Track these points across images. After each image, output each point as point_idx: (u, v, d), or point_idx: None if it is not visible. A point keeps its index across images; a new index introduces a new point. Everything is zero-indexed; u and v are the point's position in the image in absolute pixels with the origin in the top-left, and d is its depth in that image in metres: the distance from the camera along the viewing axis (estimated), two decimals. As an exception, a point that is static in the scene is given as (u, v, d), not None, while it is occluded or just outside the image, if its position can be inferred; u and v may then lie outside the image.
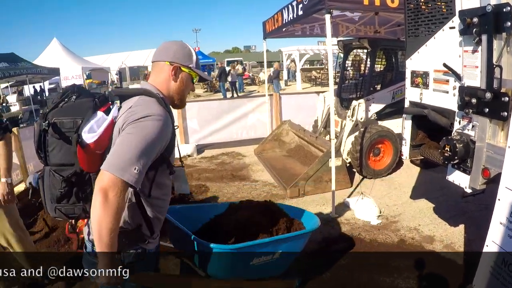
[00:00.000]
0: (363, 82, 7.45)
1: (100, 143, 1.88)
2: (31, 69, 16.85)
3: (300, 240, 2.88)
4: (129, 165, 1.74)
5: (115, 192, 1.71)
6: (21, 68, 15.88)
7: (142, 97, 1.95)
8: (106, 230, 1.71)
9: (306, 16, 5.45)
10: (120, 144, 1.79)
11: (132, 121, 1.82)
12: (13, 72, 15.32)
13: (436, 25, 3.19)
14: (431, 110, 3.41)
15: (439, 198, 5.58)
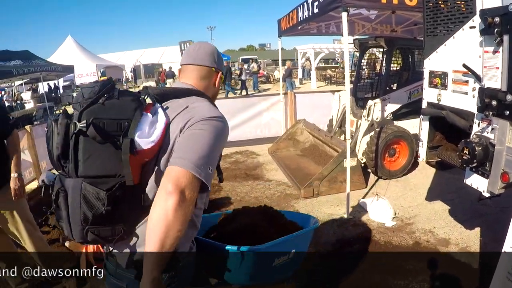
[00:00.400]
0: (379, 82, 7.37)
1: (154, 149, 1.66)
2: (45, 67, 16.94)
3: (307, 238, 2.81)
4: (205, 163, 1.60)
5: (192, 192, 1.55)
6: (35, 65, 15.98)
7: (196, 97, 1.85)
8: (172, 239, 1.50)
9: (322, 14, 5.38)
10: (194, 140, 1.64)
11: (201, 119, 1.69)
12: (28, 69, 15.37)
13: (456, 25, 3.12)
14: (450, 111, 3.34)
15: (455, 200, 5.50)
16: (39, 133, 7.83)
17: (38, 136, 7.73)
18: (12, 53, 15.38)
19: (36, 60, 16.38)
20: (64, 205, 1.64)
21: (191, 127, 1.66)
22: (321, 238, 4.59)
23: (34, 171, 7.51)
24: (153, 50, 49.31)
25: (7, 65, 14.25)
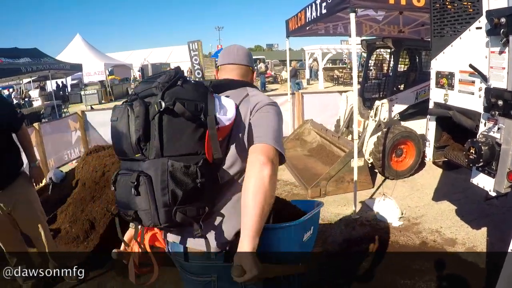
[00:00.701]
0: (386, 82, 7.38)
1: (229, 127, 1.81)
2: (53, 65, 17.12)
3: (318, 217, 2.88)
4: (279, 139, 1.83)
5: (277, 163, 1.76)
6: (44, 63, 16.15)
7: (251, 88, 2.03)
8: (269, 206, 1.64)
9: (330, 14, 5.40)
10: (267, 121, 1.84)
11: (266, 104, 1.90)
12: (36, 67, 15.51)
13: (462, 25, 3.14)
14: (456, 111, 3.36)
15: (461, 200, 5.51)
16: (47, 131, 7.96)
17: (46, 133, 7.84)
18: (21, 50, 15.45)
19: (44, 58, 16.54)
20: (149, 189, 1.62)
21: (260, 110, 1.87)
22: (328, 238, 4.63)
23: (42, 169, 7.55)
24: (161, 50, 49.51)
25: (16, 63, 14.39)
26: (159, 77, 1.76)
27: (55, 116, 16.55)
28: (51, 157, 7.95)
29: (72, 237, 4.75)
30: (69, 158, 8.75)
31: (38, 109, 17.37)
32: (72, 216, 5.10)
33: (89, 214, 5.00)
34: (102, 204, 5.08)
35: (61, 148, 8.57)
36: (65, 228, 4.97)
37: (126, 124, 1.70)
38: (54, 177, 6.98)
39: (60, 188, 6.64)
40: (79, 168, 6.86)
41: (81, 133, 9.20)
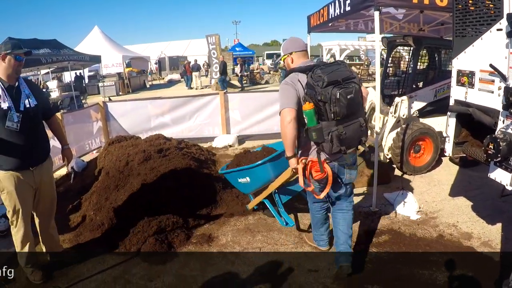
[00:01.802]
0: (405, 79, 7.47)
1: None
2: (73, 56, 17.07)
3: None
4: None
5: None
6: (63, 54, 16.08)
7: None
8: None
9: (353, 12, 5.46)
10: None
11: None
12: (56, 58, 15.49)
13: (484, 27, 3.28)
14: (476, 109, 3.49)
15: (477, 197, 5.64)
16: (70, 121, 8.10)
17: (69, 123, 7.97)
18: (40, 41, 15.40)
19: (64, 50, 16.46)
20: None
21: None
22: (348, 229, 4.78)
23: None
24: (178, 43, 49.64)
25: (36, 53, 14.21)
26: (333, 66, 3.35)
27: (74, 107, 16.74)
28: (73, 147, 7.86)
29: (96, 224, 4.89)
30: (90, 148, 8.93)
31: (56, 100, 17.51)
32: (96, 204, 5.27)
33: (114, 202, 5.13)
34: (126, 192, 5.22)
35: (83, 138, 8.72)
36: (89, 215, 5.16)
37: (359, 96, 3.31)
38: (76, 166, 7.23)
39: (82, 177, 6.93)
40: (101, 157, 7.06)
41: (102, 124, 9.38)
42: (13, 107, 3.54)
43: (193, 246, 4.52)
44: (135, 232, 4.62)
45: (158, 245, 4.39)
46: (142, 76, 32.17)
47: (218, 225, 5.01)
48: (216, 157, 8.08)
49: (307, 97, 3.24)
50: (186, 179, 5.57)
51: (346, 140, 3.21)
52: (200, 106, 9.86)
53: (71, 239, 4.77)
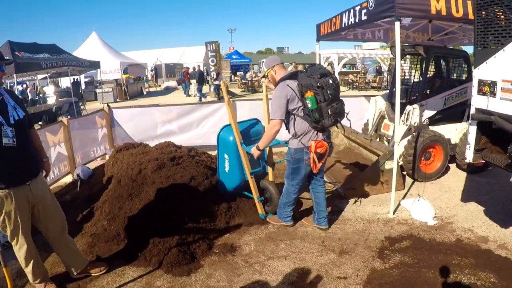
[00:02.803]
0: (413, 88, 7.61)
1: None
2: (73, 61, 16.95)
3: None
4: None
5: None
6: (63, 59, 15.99)
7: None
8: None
9: (370, 21, 5.53)
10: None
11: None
12: (56, 63, 15.39)
13: (506, 39, 3.43)
14: (498, 117, 3.63)
15: (488, 202, 5.81)
16: (75, 126, 7.95)
17: (75, 129, 7.84)
18: (40, 46, 15.40)
19: (63, 54, 16.40)
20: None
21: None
22: (370, 235, 4.90)
23: (69, 165, 7.56)
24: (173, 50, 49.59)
25: (36, 58, 14.26)
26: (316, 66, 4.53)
27: (73, 113, 16.60)
28: (78, 153, 7.96)
29: (112, 234, 4.77)
30: (94, 155, 8.79)
31: (52, 106, 17.16)
32: (109, 214, 5.13)
33: (128, 211, 5.00)
34: (142, 201, 5.09)
35: (88, 144, 8.57)
36: (103, 225, 4.99)
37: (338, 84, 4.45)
38: (82, 173, 7.09)
39: (89, 185, 6.79)
40: (108, 165, 6.96)
41: (107, 130, 9.28)
42: (4, 122, 3.29)
43: (217, 257, 4.44)
44: (156, 243, 4.49)
45: (181, 256, 4.30)
46: (139, 83, 32.18)
47: (239, 235, 4.97)
48: (226, 165, 8.11)
49: (305, 88, 4.31)
50: (203, 187, 5.54)
51: (338, 113, 4.36)
52: (208, 113, 9.91)
53: (85, 250, 4.57)
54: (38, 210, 3.67)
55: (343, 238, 4.86)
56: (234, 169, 5.45)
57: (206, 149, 8.58)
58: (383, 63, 30.15)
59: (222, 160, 5.61)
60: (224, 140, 5.54)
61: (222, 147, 5.61)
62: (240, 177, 5.43)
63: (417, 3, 4.73)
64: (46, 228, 3.79)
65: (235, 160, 5.40)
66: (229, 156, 5.48)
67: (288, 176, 4.88)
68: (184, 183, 5.50)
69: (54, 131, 7.19)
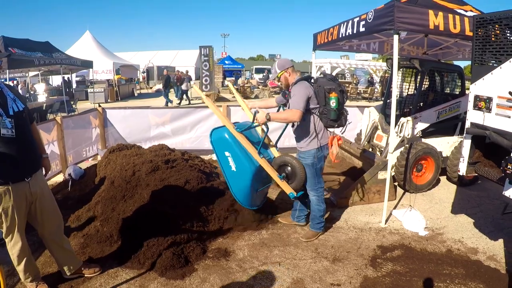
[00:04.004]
0: (407, 100, 7.73)
1: None
2: (65, 60, 16.97)
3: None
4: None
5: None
6: (56, 58, 16.01)
7: None
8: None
9: (368, 33, 5.57)
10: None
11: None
12: (48, 61, 15.39)
13: (504, 57, 3.54)
14: (493, 132, 3.73)
15: (478, 214, 5.95)
16: (70, 125, 7.94)
17: (69, 128, 7.82)
18: (33, 43, 15.36)
19: (56, 53, 16.41)
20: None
21: None
22: (362, 244, 4.97)
23: (61, 164, 7.54)
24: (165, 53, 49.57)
25: (29, 55, 14.21)
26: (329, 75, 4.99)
27: (64, 112, 16.54)
28: (70, 152, 7.94)
29: (105, 236, 4.73)
30: (86, 155, 8.75)
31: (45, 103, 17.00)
32: (102, 215, 5.09)
33: (122, 213, 4.96)
34: (135, 203, 5.06)
35: (80, 144, 8.54)
36: (96, 226, 4.95)
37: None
38: (74, 173, 6.93)
39: (80, 185, 6.66)
40: (101, 165, 6.89)
41: (100, 130, 9.25)
42: (3, 113, 3.29)
43: (210, 261, 4.45)
44: (149, 245, 4.48)
45: (175, 259, 4.28)
46: (130, 84, 32.08)
47: (232, 240, 5.00)
48: (218, 170, 8.12)
49: (330, 90, 4.58)
50: (197, 191, 5.56)
51: (346, 117, 4.83)
52: (202, 117, 9.93)
53: (77, 251, 4.47)
54: (35, 208, 3.63)
55: (336, 245, 4.92)
56: (241, 161, 4.99)
57: (199, 153, 8.62)
58: (375, 74, 30.46)
59: (225, 162, 5.09)
60: (219, 139, 5.11)
61: (219, 148, 5.11)
62: (251, 166, 4.96)
63: (416, 17, 4.82)
64: (42, 227, 3.74)
65: (238, 152, 4.98)
66: (230, 152, 5.02)
67: (314, 184, 4.92)
68: (179, 186, 5.51)
69: (48, 129, 7.18)
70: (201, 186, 5.71)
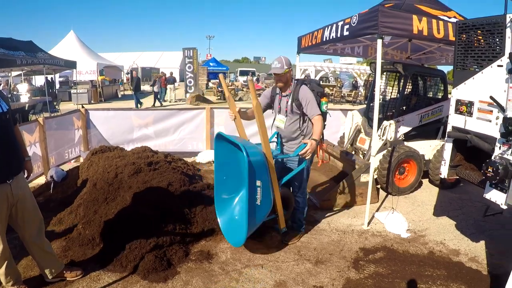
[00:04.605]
0: (390, 104, 7.80)
1: None
2: (49, 60, 16.64)
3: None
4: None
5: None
6: (39, 57, 15.68)
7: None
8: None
9: (352, 37, 5.61)
10: None
11: None
12: (31, 60, 15.09)
13: (486, 62, 3.59)
14: (474, 135, 3.79)
15: (459, 217, 6.03)
16: (52, 126, 7.82)
17: (51, 129, 7.69)
18: (16, 42, 14.99)
19: (39, 53, 16.08)
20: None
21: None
22: (345, 246, 4.99)
23: (43, 166, 7.42)
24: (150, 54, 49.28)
25: (11, 54, 13.90)
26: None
27: (47, 113, 16.19)
28: (52, 154, 7.81)
29: (87, 238, 4.67)
30: (69, 157, 8.63)
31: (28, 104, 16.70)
32: (84, 217, 5.02)
33: (104, 216, 4.90)
34: (118, 206, 5.02)
35: (63, 146, 8.40)
36: (77, 229, 4.87)
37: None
38: (56, 175, 6.80)
39: (62, 188, 6.55)
40: (83, 167, 6.79)
41: (82, 132, 9.11)
42: None
43: (193, 264, 4.43)
44: (132, 248, 4.43)
45: (157, 262, 4.25)
46: (114, 85, 31.77)
47: (215, 242, 4.96)
48: (201, 172, 8.10)
49: (322, 94, 4.82)
50: (179, 193, 5.52)
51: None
52: (185, 120, 9.89)
53: (59, 254, 4.39)
54: (16, 210, 3.55)
55: (319, 248, 4.93)
56: (266, 194, 4.28)
57: (182, 155, 8.58)
58: (359, 78, 30.69)
59: (253, 191, 4.12)
60: (258, 162, 4.15)
61: (253, 174, 4.06)
62: (270, 201, 4.40)
63: (400, 22, 4.87)
64: (23, 229, 3.65)
65: (267, 183, 4.28)
66: (262, 182, 4.19)
67: (304, 187, 5.12)
68: (162, 189, 5.47)
69: (30, 130, 7.05)
70: (184, 189, 5.66)
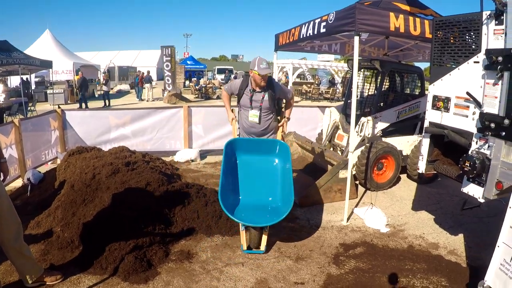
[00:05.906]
0: (368, 100, 7.88)
1: None
2: (24, 60, 16.34)
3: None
4: None
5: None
6: (14, 57, 15.40)
7: None
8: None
9: (329, 34, 5.62)
10: None
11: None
12: (6, 61, 14.83)
13: (462, 58, 3.65)
14: (451, 131, 3.84)
15: (437, 211, 6.15)
16: (28, 128, 7.62)
17: (27, 130, 7.51)
18: None
19: (14, 52, 15.78)
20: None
21: None
22: (324, 242, 5.02)
23: (19, 168, 7.26)
24: (127, 53, 48.78)
25: None
26: None
27: (23, 114, 15.88)
28: (29, 156, 7.63)
29: (65, 241, 4.56)
30: (45, 159, 8.45)
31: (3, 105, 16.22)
32: (62, 220, 4.93)
33: (82, 217, 4.81)
34: (96, 207, 4.93)
35: (39, 147, 8.22)
36: (56, 232, 4.77)
37: None
38: (33, 178, 6.69)
39: (40, 190, 6.43)
40: (60, 169, 6.66)
41: (59, 133, 8.94)
42: None
43: (174, 264, 4.38)
44: (111, 250, 4.36)
45: (138, 263, 4.20)
46: (91, 85, 31.27)
47: (195, 241, 4.91)
48: (180, 171, 8.04)
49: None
50: (158, 193, 5.46)
51: None
52: (163, 119, 9.75)
53: (37, 258, 4.27)
54: None
55: (299, 245, 4.94)
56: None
57: (160, 154, 8.51)
58: (336, 75, 30.94)
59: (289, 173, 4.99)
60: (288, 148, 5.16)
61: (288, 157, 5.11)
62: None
63: (377, 19, 4.91)
64: (1, 234, 3.54)
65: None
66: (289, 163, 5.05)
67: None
68: (140, 189, 5.41)
69: (6, 132, 6.87)
70: (162, 188, 5.59)
